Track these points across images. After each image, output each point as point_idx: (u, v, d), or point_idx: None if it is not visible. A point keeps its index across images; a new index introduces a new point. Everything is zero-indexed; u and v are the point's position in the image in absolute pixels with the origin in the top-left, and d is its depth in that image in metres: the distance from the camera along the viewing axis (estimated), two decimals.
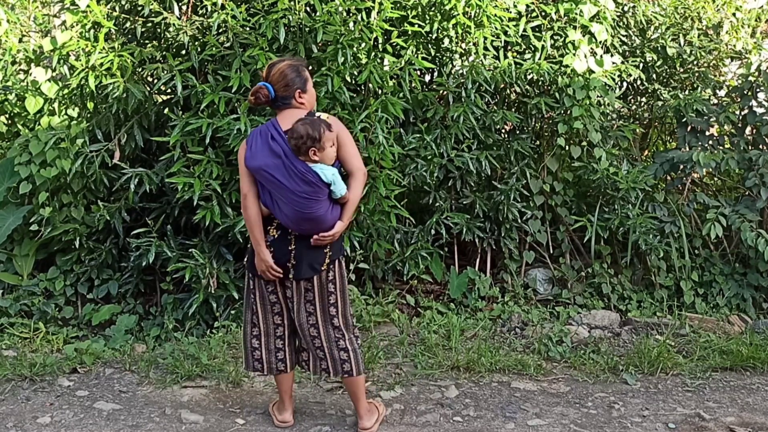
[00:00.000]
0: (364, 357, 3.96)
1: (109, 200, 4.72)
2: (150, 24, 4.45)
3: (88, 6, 4.24)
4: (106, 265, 4.82)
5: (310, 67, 3.49)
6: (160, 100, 4.74)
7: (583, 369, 4.08)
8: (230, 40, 4.17)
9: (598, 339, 4.48)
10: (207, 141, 4.14)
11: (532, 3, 4.84)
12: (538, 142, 5.26)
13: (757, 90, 5.22)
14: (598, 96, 4.92)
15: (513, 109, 5.09)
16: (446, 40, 4.72)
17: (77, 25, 4.34)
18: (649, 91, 5.68)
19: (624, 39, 5.41)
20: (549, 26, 4.89)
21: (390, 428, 3.36)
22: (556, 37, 4.93)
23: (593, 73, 4.86)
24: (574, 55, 4.82)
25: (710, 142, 5.27)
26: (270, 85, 2.96)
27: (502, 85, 4.85)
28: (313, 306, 3.07)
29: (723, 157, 5.02)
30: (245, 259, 3.20)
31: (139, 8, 4.34)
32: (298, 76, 2.98)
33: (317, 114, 2.97)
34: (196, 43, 4.31)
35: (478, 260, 5.16)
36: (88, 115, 4.74)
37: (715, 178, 5.82)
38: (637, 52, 5.47)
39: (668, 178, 5.44)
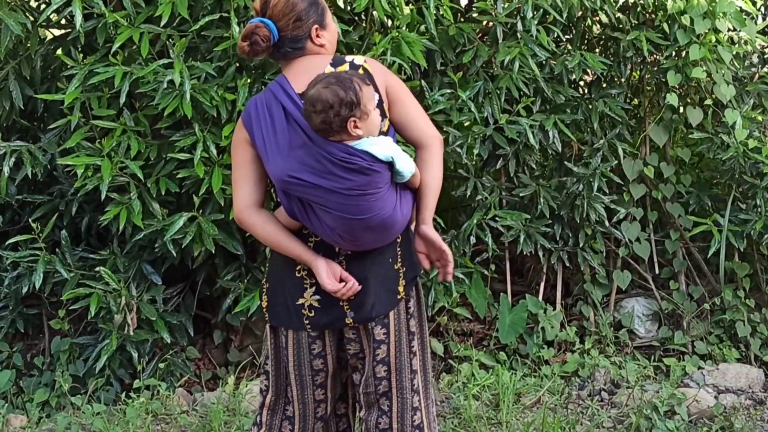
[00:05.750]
0: None
1: None
2: None
3: None
4: None
5: None
6: (49, 36, 4.77)
7: None
8: None
9: (732, 408, 4.43)
10: (122, 100, 4.09)
11: None
12: (636, 102, 5.33)
13: None
14: (729, 30, 4.90)
15: (597, 51, 5.14)
16: None
17: None
18: None
19: None
20: None
21: None
22: None
23: None
24: None
25: None
26: (271, 23, 2.80)
27: (580, 13, 4.82)
28: (387, 367, 2.93)
29: None
30: (262, 302, 3.01)
31: None
32: (313, 5, 2.89)
33: (349, 59, 2.84)
34: None
35: (542, 285, 5.19)
36: None
37: None
38: None
39: None
